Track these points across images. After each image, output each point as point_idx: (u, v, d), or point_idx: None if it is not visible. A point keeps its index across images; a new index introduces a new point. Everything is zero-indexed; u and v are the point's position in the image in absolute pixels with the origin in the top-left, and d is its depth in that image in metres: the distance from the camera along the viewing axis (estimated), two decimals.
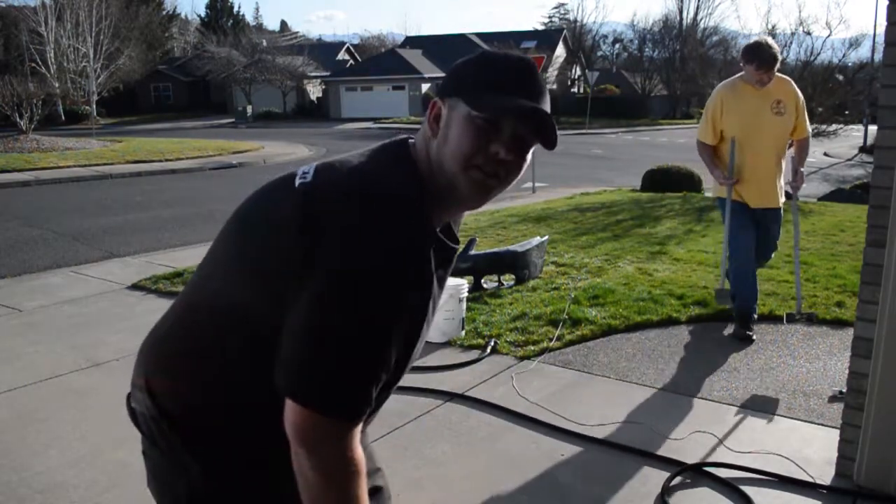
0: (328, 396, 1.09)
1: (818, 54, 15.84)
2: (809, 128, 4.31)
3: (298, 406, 1.09)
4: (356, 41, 63.59)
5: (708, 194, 11.49)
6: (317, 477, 1.09)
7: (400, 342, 1.14)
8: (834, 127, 14.20)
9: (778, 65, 4.10)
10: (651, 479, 2.79)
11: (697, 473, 2.83)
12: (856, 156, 21.34)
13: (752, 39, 4.26)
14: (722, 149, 4.28)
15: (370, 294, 1.07)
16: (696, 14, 48.97)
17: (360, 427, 1.13)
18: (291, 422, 1.10)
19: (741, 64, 4.18)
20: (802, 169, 4.34)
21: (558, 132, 1.15)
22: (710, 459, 2.92)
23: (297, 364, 1.10)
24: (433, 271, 1.14)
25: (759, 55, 4.02)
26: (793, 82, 4.27)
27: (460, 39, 46.07)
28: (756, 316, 4.42)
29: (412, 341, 1.20)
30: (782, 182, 4.30)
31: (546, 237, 6.16)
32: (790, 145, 4.38)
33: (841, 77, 18.36)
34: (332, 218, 1.10)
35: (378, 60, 45.47)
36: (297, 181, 1.19)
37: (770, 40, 4.18)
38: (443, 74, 44.86)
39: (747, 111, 4.14)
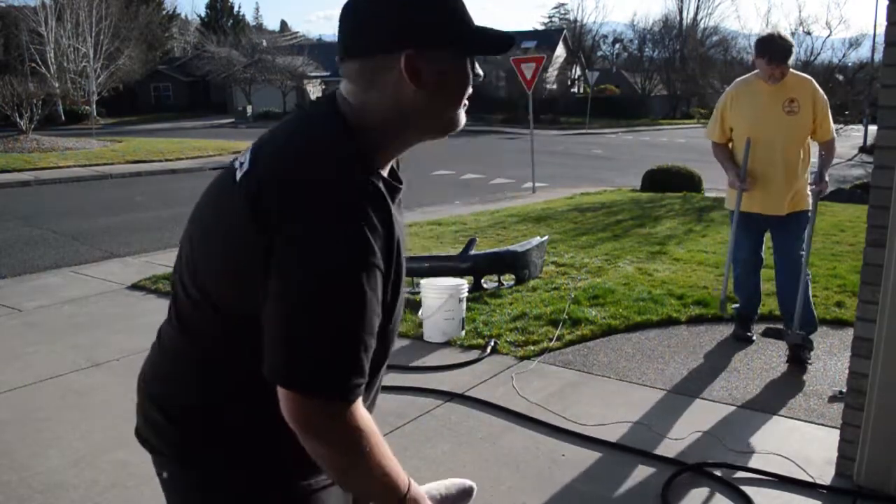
0: (316, 377, 1.03)
1: (818, 54, 15.88)
2: (834, 130, 4.02)
3: (290, 393, 1.04)
4: None
5: (708, 194, 11.49)
6: (329, 454, 1.08)
7: (376, 301, 1.08)
8: (834, 127, 14.18)
9: (792, 58, 3.84)
10: (651, 479, 2.79)
11: (697, 473, 2.83)
12: (856, 156, 21.31)
13: (766, 32, 4.01)
14: (738, 150, 4.04)
15: (336, 257, 1.04)
16: (696, 14, 49.06)
17: (360, 401, 1.08)
18: (287, 411, 1.05)
19: (754, 59, 3.95)
20: (827, 174, 3.97)
21: (558, 132, 1.15)
22: (710, 459, 2.92)
23: (277, 348, 1.05)
24: (392, 216, 1.12)
25: (771, 48, 3.77)
26: (813, 81, 3.95)
27: None
28: (756, 317, 4.42)
29: (391, 303, 1.16)
30: (804, 187, 3.99)
31: (546, 237, 6.16)
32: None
33: (841, 77, 18.35)
34: (284, 204, 1.07)
35: None
36: (238, 175, 1.15)
37: (784, 32, 3.93)
38: None
39: (756, 108, 3.92)
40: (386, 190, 1.14)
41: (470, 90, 1.20)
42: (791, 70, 3.91)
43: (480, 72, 1.21)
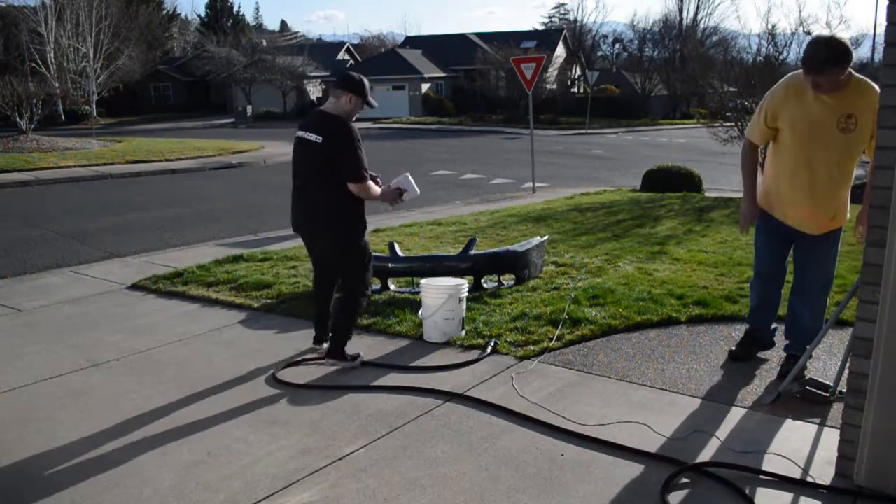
0: (362, 176, 3.92)
1: None
2: None
3: (355, 183, 3.89)
4: (356, 41, 63.68)
5: (708, 194, 11.49)
6: (368, 195, 3.98)
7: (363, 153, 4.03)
8: None
9: (845, 69, 3.20)
10: (651, 479, 2.79)
11: (697, 473, 2.83)
12: None
13: (817, 34, 3.37)
14: (781, 157, 3.54)
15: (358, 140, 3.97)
16: (696, 14, 49.10)
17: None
18: (354, 189, 3.91)
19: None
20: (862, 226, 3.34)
21: (558, 132, 1.16)
22: (710, 459, 2.92)
23: (350, 171, 3.88)
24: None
25: (805, 54, 3.23)
26: (877, 90, 3.02)
27: (460, 39, 46.06)
28: (765, 339, 4.06)
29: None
30: (845, 202, 3.58)
31: (546, 237, 6.16)
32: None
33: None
34: (336, 134, 3.95)
35: (378, 60, 45.46)
36: (315, 137, 3.96)
37: (836, 38, 3.23)
38: (443, 74, 44.34)
39: (806, 118, 3.38)
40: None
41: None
42: (856, 76, 3.33)
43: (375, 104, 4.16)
